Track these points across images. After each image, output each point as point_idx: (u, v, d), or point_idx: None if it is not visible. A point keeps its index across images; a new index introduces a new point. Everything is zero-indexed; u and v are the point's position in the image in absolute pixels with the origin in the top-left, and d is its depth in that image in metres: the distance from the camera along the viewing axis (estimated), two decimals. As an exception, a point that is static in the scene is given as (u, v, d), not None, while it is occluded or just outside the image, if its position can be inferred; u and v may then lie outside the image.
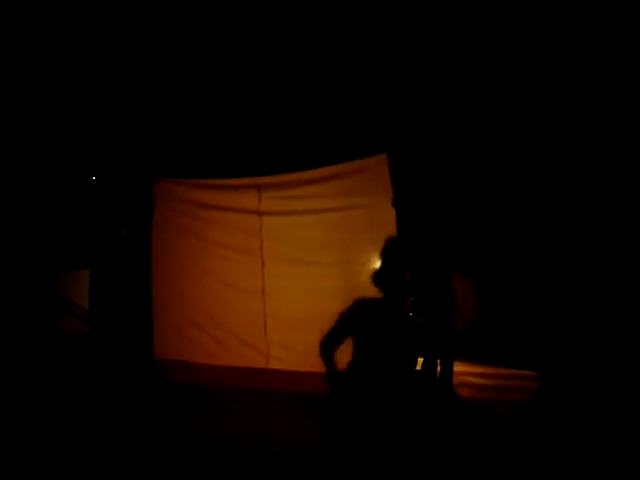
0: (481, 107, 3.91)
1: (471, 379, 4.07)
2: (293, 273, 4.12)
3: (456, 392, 3.61)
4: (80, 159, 5.09)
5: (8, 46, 4.05)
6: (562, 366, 3.57)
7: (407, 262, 3.81)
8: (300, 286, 4.08)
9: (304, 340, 4.02)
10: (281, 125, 4.33)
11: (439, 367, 3.58)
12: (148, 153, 4.79)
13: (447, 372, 3.58)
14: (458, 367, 3.89)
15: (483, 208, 4.11)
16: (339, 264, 3.98)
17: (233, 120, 4.50)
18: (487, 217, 4.12)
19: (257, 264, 4.23)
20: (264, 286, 4.21)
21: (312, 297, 4.02)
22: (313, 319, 3.97)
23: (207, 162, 4.53)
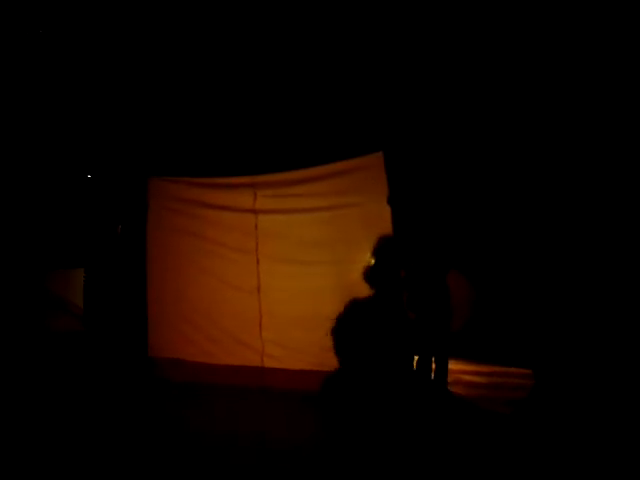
0: (476, 105, 3.92)
1: (466, 377, 4.07)
2: (288, 271, 4.12)
3: (450, 390, 3.62)
4: (76, 157, 5.07)
5: (3, 45, 4.03)
6: (557, 364, 3.59)
7: (402, 260, 3.82)
8: (295, 284, 4.09)
9: (299, 338, 4.05)
10: (277, 124, 4.33)
11: (434, 365, 3.60)
12: (143, 151, 4.78)
13: (442, 370, 3.59)
14: (453, 365, 3.91)
15: (478, 206, 4.12)
16: (334, 262, 3.99)
17: (229, 119, 4.49)
18: (482, 215, 4.13)
19: (252, 262, 4.24)
20: (259, 284, 4.22)
21: (307, 295, 4.03)
22: (308, 317, 4.00)
23: (203, 160, 4.52)
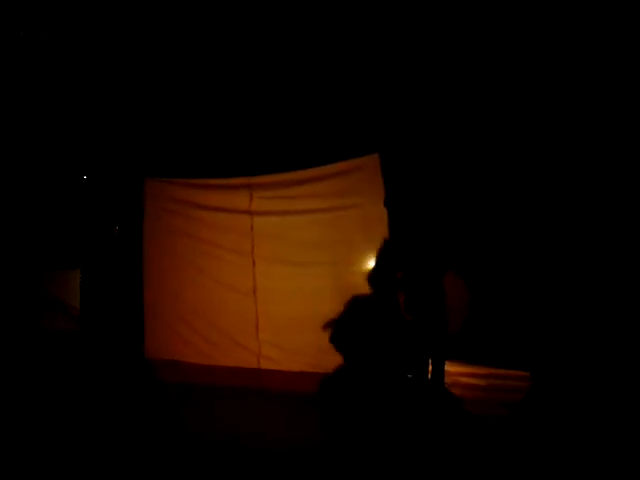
0: (472, 107, 3.90)
1: (463, 379, 4.07)
2: (285, 273, 4.11)
3: (449, 391, 3.62)
4: (72, 159, 5.06)
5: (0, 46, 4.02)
6: (554, 366, 3.58)
7: (399, 261, 3.81)
8: (292, 286, 4.07)
9: (296, 340, 4.04)
10: (273, 125, 4.31)
11: (430, 367, 3.59)
12: (139, 152, 4.77)
13: (438, 372, 3.59)
14: (450, 367, 3.90)
15: (475, 208, 4.10)
16: (331, 264, 3.98)
17: (225, 120, 4.48)
18: (479, 217, 4.11)
19: (248, 264, 4.22)
20: (255, 286, 4.20)
21: (304, 297, 4.01)
22: (305, 319, 3.98)
23: (199, 161, 4.51)
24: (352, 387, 3.75)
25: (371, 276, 3.87)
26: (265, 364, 4.15)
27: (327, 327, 3.92)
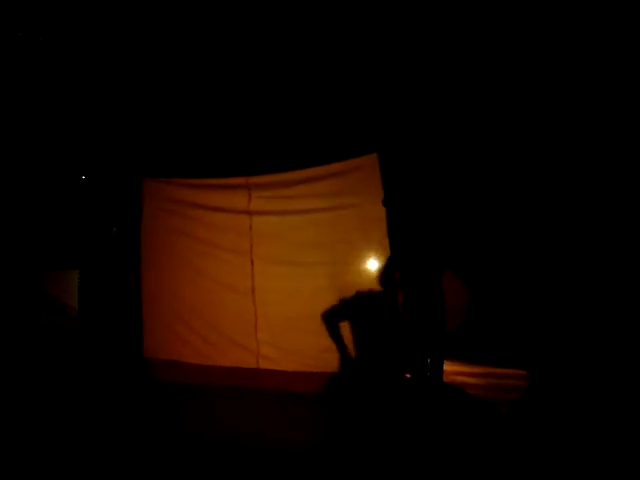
0: (471, 107, 3.91)
1: (461, 378, 4.07)
2: (283, 273, 4.11)
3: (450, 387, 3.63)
4: (70, 159, 5.04)
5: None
6: (552, 365, 3.59)
7: (397, 261, 3.81)
8: (290, 285, 4.07)
9: (294, 339, 4.04)
10: (271, 125, 4.30)
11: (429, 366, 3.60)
12: (138, 152, 4.75)
13: (437, 371, 3.59)
14: (448, 366, 3.89)
15: (473, 207, 4.11)
16: (329, 264, 3.98)
17: (223, 119, 4.47)
18: (478, 216, 4.12)
19: (247, 264, 4.22)
20: (254, 286, 4.20)
21: (302, 296, 4.01)
22: (303, 319, 3.98)
23: (197, 161, 4.50)
24: (357, 386, 3.74)
25: (369, 276, 3.87)
26: (264, 364, 4.15)
27: (326, 326, 3.92)
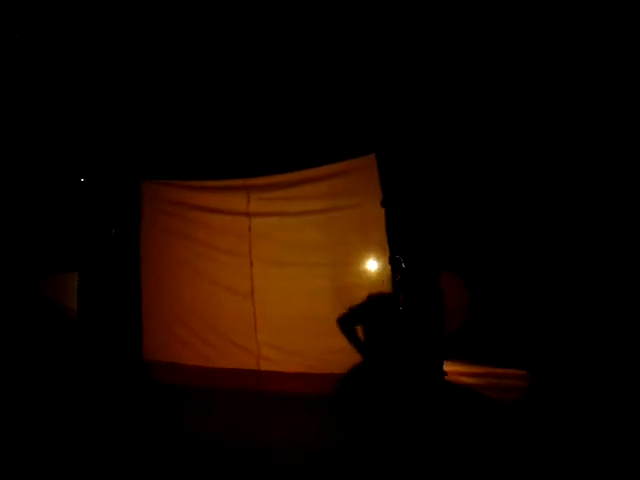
0: (469, 107, 3.91)
1: (461, 378, 4.07)
2: (282, 274, 4.11)
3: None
4: (69, 161, 5.05)
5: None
6: (552, 365, 3.60)
7: (396, 262, 3.82)
8: (289, 287, 4.07)
9: (294, 341, 4.05)
10: (270, 126, 4.30)
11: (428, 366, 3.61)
12: (136, 154, 4.75)
13: (437, 371, 3.60)
14: (448, 366, 3.91)
15: (472, 207, 4.11)
16: (328, 265, 3.98)
17: (221, 121, 4.47)
18: (477, 217, 4.13)
19: (246, 265, 4.22)
20: (253, 287, 4.20)
21: (301, 297, 4.02)
22: (303, 320, 3.99)
23: (195, 163, 4.50)
24: (371, 388, 3.72)
25: (369, 276, 3.87)
26: (264, 365, 4.15)
27: (327, 328, 3.92)
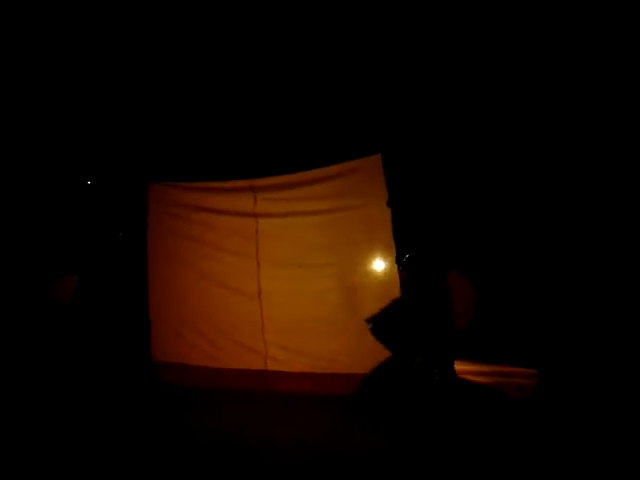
0: (475, 107, 3.90)
1: (469, 377, 4.06)
2: (289, 275, 4.11)
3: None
4: (75, 164, 5.08)
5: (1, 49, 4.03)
6: (561, 364, 3.58)
7: (403, 261, 3.82)
8: (296, 288, 4.08)
9: (302, 341, 4.05)
10: (275, 127, 4.31)
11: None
12: (143, 156, 4.77)
13: (447, 370, 3.60)
14: (456, 365, 3.90)
15: (479, 206, 4.10)
16: (335, 265, 3.99)
17: (227, 122, 4.48)
18: (483, 215, 4.11)
19: (253, 266, 4.22)
20: (260, 288, 4.20)
21: (309, 298, 4.02)
22: (310, 320, 4.00)
23: (201, 165, 4.51)
24: (394, 386, 3.71)
25: (376, 277, 3.87)
26: (272, 365, 4.16)
27: (334, 329, 3.93)
